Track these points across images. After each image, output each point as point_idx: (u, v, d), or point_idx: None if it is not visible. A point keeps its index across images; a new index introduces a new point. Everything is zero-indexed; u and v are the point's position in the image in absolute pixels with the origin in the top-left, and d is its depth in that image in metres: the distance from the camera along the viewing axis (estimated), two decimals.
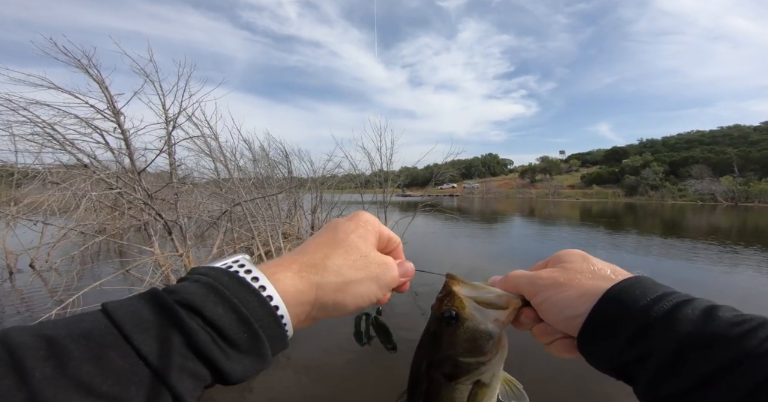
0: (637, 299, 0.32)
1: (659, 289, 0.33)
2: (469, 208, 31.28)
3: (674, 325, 0.29)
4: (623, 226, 17.00)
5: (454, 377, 0.41)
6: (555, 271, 0.39)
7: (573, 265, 0.39)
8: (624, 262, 8.02)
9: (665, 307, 0.30)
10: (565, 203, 43.88)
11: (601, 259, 0.40)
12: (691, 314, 0.29)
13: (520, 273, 0.43)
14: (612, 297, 0.33)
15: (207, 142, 5.77)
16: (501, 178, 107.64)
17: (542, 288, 0.39)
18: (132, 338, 0.25)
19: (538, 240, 11.82)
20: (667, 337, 0.29)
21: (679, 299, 0.31)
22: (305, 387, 2.97)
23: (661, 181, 56.24)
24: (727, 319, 0.28)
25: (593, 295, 0.34)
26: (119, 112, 4.17)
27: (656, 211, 29.16)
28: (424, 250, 8.83)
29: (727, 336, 0.27)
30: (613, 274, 0.37)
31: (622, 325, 0.32)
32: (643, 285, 0.33)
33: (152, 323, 0.26)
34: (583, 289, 0.36)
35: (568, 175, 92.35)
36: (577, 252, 0.41)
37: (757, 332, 0.27)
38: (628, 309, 0.32)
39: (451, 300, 0.41)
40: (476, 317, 0.40)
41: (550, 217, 21.35)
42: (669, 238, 12.12)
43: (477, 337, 0.40)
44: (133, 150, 4.50)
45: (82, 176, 4.17)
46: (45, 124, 3.92)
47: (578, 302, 0.35)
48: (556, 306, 0.37)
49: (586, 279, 0.37)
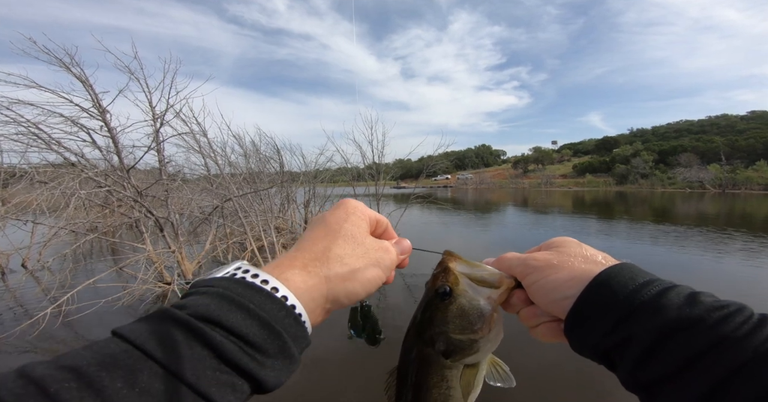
0: (626, 284, 0.33)
1: (646, 275, 0.34)
2: (463, 199, 31.46)
3: (659, 310, 0.30)
4: (614, 213, 17.28)
5: (446, 354, 0.41)
6: (549, 253, 0.40)
7: (566, 250, 0.40)
8: (616, 248, 8.22)
9: (651, 292, 0.31)
10: (557, 192, 44.35)
11: (594, 246, 0.42)
12: (676, 299, 0.30)
13: (513, 255, 0.43)
14: (602, 281, 0.34)
15: (196, 139, 5.75)
16: (494, 169, 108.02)
17: (534, 269, 0.39)
18: (160, 358, 0.24)
19: (532, 228, 11.99)
20: (652, 320, 0.30)
21: (664, 285, 0.32)
22: (303, 382, 3.02)
23: (650, 169, 57.05)
24: (707, 304, 0.29)
25: (584, 278, 0.35)
26: (105, 110, 4.14)
27: (646, 199, 29.62)
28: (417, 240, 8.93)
29: (706, 320, 0.28)
30: (603, 260, 0.38)
31: (610, 308, 0.32)
32: (632, 271, 0.34)
33: (175, 341, 0.25)
34: (574, 272, 0.37)
35: (561, 164, 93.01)
36: (571, 239, 0.43)
37: (735, 317, 0.28)
38: (617, 293, 0.32)
39: (446, 275, 0.42)
40: (469, 293, 0.41)
41: (543, 206, 21.54)
42: (660, 225, 12.37)
43: (469, 314, 0.40)
44: (121, 148, 4.48)
45: (70, 175, 4.15)
46: (29, 123, 3.88)
47: (569, 284, 0.36)
48: (547, 287, 0.38)
49: (578, 262, 0.38)
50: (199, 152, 5.94)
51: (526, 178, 78.31)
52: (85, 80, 3.93)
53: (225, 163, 6.83)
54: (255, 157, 8.19)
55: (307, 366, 3.23)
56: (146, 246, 4.79)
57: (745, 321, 0.28)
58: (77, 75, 3.90)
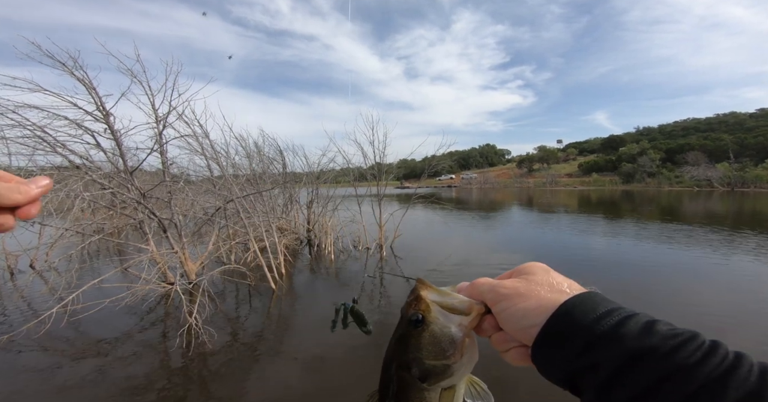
0: (587, 313, 0.34)
1: (608, 304, 0.35)
2: (467, 199, 31.33)
3: (619, 339, 0.32)
4: (621, 212, 17.13)
5: (422, 379, 0.43)
6: (517, 281, 0.41)
7: (534, 278, 0.41)
8: (623, 247, 8.18)
9: (611, 322, 0.33)
10: (563, 192, 44.02)
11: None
12: (634, 328, 0.32)
13: (485, 281, 0.44)
14: (565, 311, 0.36)
15: (198, 141, 5.80)
16: (499, 168, 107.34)
17: (503, 297, 0.40)
18: None
19: (536, 228, 11.94)
20: (612, 349, 0.31)
21: (624, 314, 0.34)
22: (303, 380, 3.04)
23: (657, 168, 56.31)
24: (662, 333, 0.31)
25: (549, 307, 0.37)
26: (109, 113, 4.20)
27: (653, 198, 29.29)
28: (420, 241, 8.96)
29: (661, 349, 0.30)
30: (568, 289, 0.39)
31: (572, 337, 0.34)
32: (594, 300, 0.36)
33: None
34: (540, 301, 0.38)
35: (566, 163, 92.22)
36: (541, 265, 0.44)
37: (688, 345, 0.30)
38: (580, 322, 0.34)
39: (418, 304, 0.43)
40: (440, 321, 0.42)
41: (549, 206, 21.39)
42: (668, 223, 12.24)
43: (440, 340, 0.42)
44: (124, 150, 4.54)
45: (75, 177, 4.22)
46: (35, 126, 3.95)
47: (535, 313, 0.37)
48: (515, 315, 0.39)
49: (544, 291, 0.39)
50: (201, 154, 5.99)
51: (531, 178, 77.71)
52: (88, 83, 4.00)
53: (227, 165, 6.89)
54: (258, 158, 8.25)
55: (308, 364, 3.27)
56: (150, 247, 4.85)
57: (698, 348, 0.29)
58: (80, 78, 3.96)
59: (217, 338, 3.69)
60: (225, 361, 3.36)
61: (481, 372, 0.47)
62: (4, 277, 6.30)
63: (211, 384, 3.04)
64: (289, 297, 5.20)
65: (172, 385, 3.01)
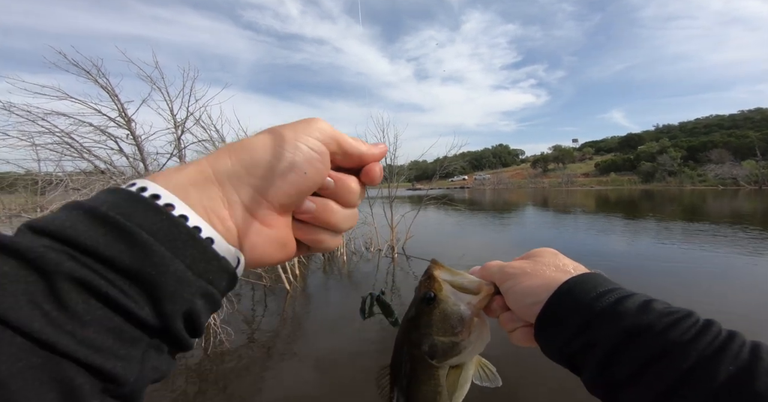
0: (588, 292, 0.35)
1: (609, 284, 0.36)
2: (481, 200, 31.06)
3: (615, 317, 0.32)
4: (641, 212, 16.65)
5: (431, 355, 0.44)
6: (525, 262, 0.43)
7: (542, 259, 0.43)
8: (643, 247, 7.96)
9: (610, 300, 0.34)
10: (579, 192, 43.08)
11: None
12: (632, 306, 0.32)
13: (495, 263, 0.46)
14: (568, 288, 0.37)
15: (215, 145, 5.95)
16: (512, 169, 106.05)
17: (510, 276, 0.42)
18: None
19: (551, 228, 11.71)
20: (611, 326, 0.32)
21: (622, 294, 0.34)
22: (318, 380, 3.08)
23: (679, 166, 54.62)
24: (658, 311, 0.31)
25: (552, 285, 0.38)
26: (130, 119, 4.37)
27: (675, 197, 28.38)
28: (432, 242, 8.92)
29: (656, 326, 0.30)
30: (573, 270, 0.40)
31: (573, 314, 0.35)
32: (595, 280, 0.37)
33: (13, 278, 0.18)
34: (545, 279, 0.39)
35: (582, 163, 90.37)
36: (550, 249, 0.45)
37: (682, 323, 0.30)
38: (579, 300, 0.35)
39: (431, 283, 0.45)
40: (451, 299, 0.44)
41: (564, 206, 20.94)
42: (691, 223, 11.81)
43: (450, 317, 0.43)
44: (145, 155, 4.71)
45: (100, 182, 4.40)
46: (63, 133, 4.14)
47: (538, 291, 0.39)
48: (520, 293, 0.41)
49: (550, 271, 0.40)
50: None
51: (545, 178, 76.47)
52: (111, 91, 4.17)
53: None
54: None
55: (322, 364, 3.30)
56: None
57: (692, 326, 0.30)
58: (104, 86, 4.13)
59: (234, 337, 3.77)
60: (242, 360, 3.44)
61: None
62: None
63: (229, 382, 3.11)
64: (303, 298, 5.28)
65: (191, 383, 3.10)
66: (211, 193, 0.25)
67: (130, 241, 0.20)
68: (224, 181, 0.26)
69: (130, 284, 0.20)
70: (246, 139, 0.28)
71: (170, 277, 0.21)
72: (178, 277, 0.21)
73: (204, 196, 0.25)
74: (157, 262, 0.21)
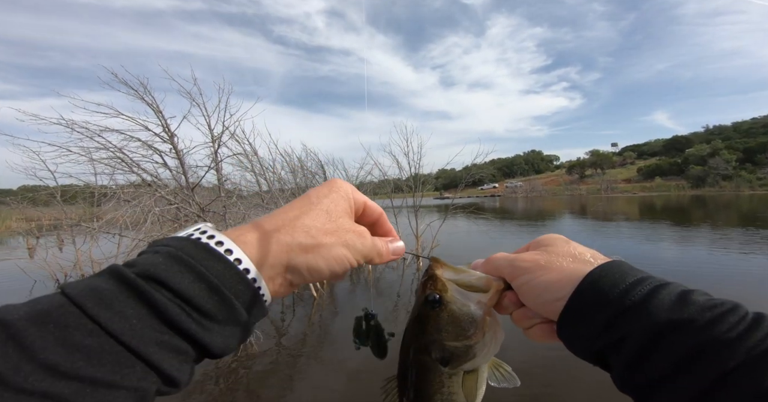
0: (616, 283, 0.32)
1: (637, 273, 0.33)
2: (513, 208, 30.08)
3: (650, 310, 0.29)
4: (692, 219, 15.42)
5: (444, 362, 0.40)
6: (536, 253, 0.39)
7: (554, 249, 0.39)
8: (696, 256, 7.41)
9: (642, 292, 0.30)
10: (620, 198, 40.52)
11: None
12: (667, 299, 0.29)
13: (502, 256, 0.42)
14: (592, 281, 0.33)
15: (249, 158, 6.31)
16: (546, 176, 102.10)
17: (523, 271, 0.38)
18: (94, 315, 0.23)
19: (592, 237, 11.12)
20: (643, 321, 0.29)
21: (655, 284, 0.31)
22: (343, 387, 3.11)
23: (734, 170, 50.09)
24: (699, 304, 0.28)
25: (574, 278, 0.34)
26: (173, 134, 4.76)
27: (730, 203, 26.01)
28: (459, 251, 8.77)
29: (698, 321, 0.27)
30: (592, 259, 0.37)
31: (600, 309, 0.31)
32: (622, 269, 0.33)
33: (115, 298, 0.25)
34: (563, 272, 0.36)
35: (623, 168, 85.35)
36: (559, 236, 0.41)
37: (728, 317, 0.27)
38: (607, 293, 0.32)
39: (434, 283, 0.41)
40: (459, 300, 0.40)
41: (605, 214, 19.73)
42: (750, 231, 10.79)
43: (460, 320, 0.40)
44: (186, 168, 5.09)
45: (147, 194, 4.80)
46: (115, 148, 4.60)
47: (558, 286, 0.35)
48: (536, 289, 0.37)
49: (567, 262, 0.37)
50: (251, 171, 6.50)
51: (583, 184, 72.88)
52: (156, 108, 4.57)
53: (274, 179, 7.39)
54: (301, 172, 8.74)
55: (347, 371, 3.33)
56: None
57: (739, 321, 0.26)
58: (149, 103, 4.54)
59: (263, 341, 3.92)
60: (270, 364, 3.57)
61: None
62: None
63: (257, 385, 3.22)
64: (330, 305, 5.39)
65: (222, 384, 3.25)
66: (278, 272, 0.33)
67: (218, 295, 0.29)
68: (285, 264, 0.34)
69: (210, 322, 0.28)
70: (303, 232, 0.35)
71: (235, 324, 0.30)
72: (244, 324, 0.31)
73: (272, 271, 0.33)
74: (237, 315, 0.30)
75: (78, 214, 8.36)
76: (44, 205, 8.90)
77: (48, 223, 10.42)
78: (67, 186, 6.37)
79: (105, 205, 6.34)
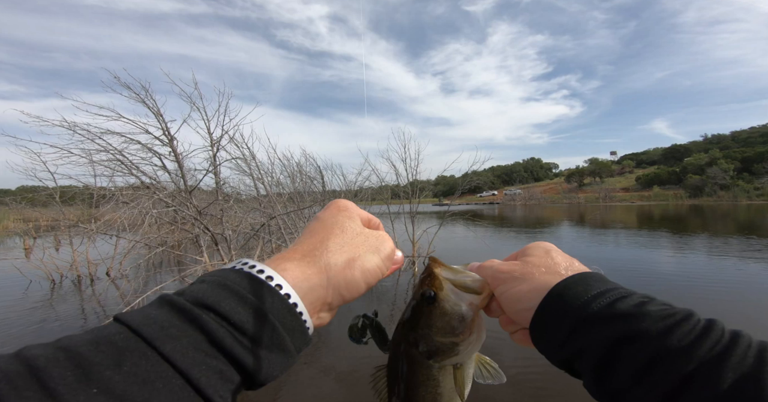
0: (579, 295, 0.33)
1: (602, 285, 0.34)
2: (511, 215, 30.10)
3: (606, 322, 0.30)
4: (689, 228, 15.46)
5: (428, 355, 0.43)
6: (515, 264, 0.41)
7: (532, 259, 0.41)
8: (694, 264, 7.42)
9: (601, 304, 0.32)
10: (618, 207, 40.61)
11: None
12: (625, 309, 0.30)
13: (492, 263, 0.44)
14: (558, 292, 0.35)
15: (247, 162, 6.37)
16: (545, 183, 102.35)
17: (501, 281, 0.41)
18: (151, 340, 0.25)
19: (590, 245, 11.12)
20: (601, 334, 0.30)
21: (615, 296, 0.32)
22: (336, 391, 3.12)
23: (732, 179, 50.32)
24: (654, 314, 0.29)
25: (542, 290, 0.36)
26: (173, 138, 4.82)
27: (728, 213, 26.06)
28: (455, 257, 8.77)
29: (652, 332, 0.28)
30: (564, 270, 0.38)
31: (561, 321, 0.33)
32: (588, 281, 0.35)
33: (169, 324, 0.26)
34: (534, 284, 0.37)
35: (621, 177, 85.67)
36: (543, 245, 0.43)
37: (681, 326, 0.28)
38: (569, 305, 0.33)
39: (431, 281, 0.43)
40: (452, 298, 0.42)
41: (603, 223, 19.73)
42: (750, 240, 10.83)
43: (451, 318, 0.41)
44: (185, 171, 5.14)
45: (146, 196, 4.84)
46: (116, 150, 4.65)
47: (529, 296, 0.37)
48: (510, 299, 0.39)
49: (539, 274, 0.38)
50: (249, 175, 6.55)
51: (581, 193, 72.95)
52: (156, 111, 4.62)
53: (272, 184, 7.44)
54: (299, 177, 8.80)
55: (341, 376, 3.33)
56: (204, 258, 5.34)
57: (692, 329, 0.28)
58: (150, 107, 4.60)
59: None
60: None
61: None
62: (86, 283, 7.23)
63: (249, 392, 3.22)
64: None
65: None
66: (318, 296, 0.34)
67: (269, 329, 0.30)
68: (329, 293, 0.35)
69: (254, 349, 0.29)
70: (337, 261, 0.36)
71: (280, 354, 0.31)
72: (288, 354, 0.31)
73: (313, 295, 0.34)
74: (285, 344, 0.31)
75: (76, 215, 8.39)
76: (42, 205, 8.93)
77: (45, 224, 10.44)
78: (67, 187, 6.42)
79: (103, 206, 6.38)
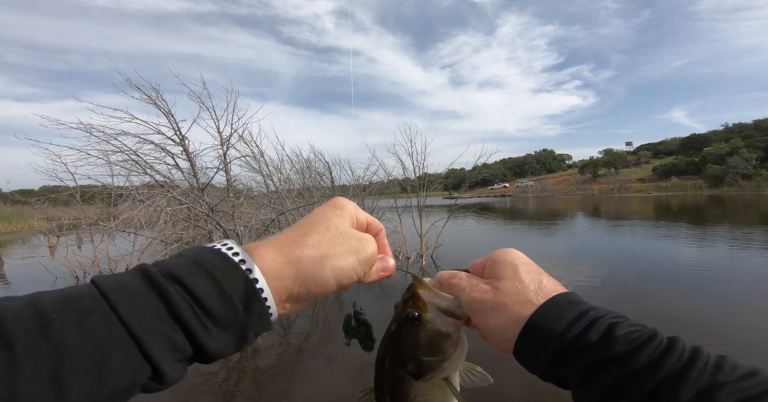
0: (553, 327, 0.35)
1: (572, 312, 0.36)
2: (523, 208, 29.75)
3: (583, 351, 0.33)
4: (710, 219, 15.10)
5: (416, 375, 0.43)
6: (486, 292, 0.41)
7: (502, 285, 0.40)
8: (715, 257, 7.29)
9: (575, 333, 0.34)
10: (634, 198, 39.63)
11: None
12: (594, 337, 0.33)
13: (461, 285, 0.43)
14: (533, 325, 0.36)
15: (256, 159, 6.50)
16: (558, 175, 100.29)
17: (475, 311, 0.41)
18: (115, 304, 0.26)
19: (604, 237, 10.96)
20: (577, 363, 0.33)
21: (585, 324, 0.34)
22: (346, 384, 3.21)
23: (754, 169, 48.42)
24: (621, 338, 0.32)
25: (517, 323, 0.37)
26: (184, 137, 4.96)
27: (751, 203, 25.22)
28: (463, 251, 8.83)
29: (620, 355, 0.31)
30: (535, 295, 0.39)
31: (541, 354, 0.36)
32: (560, 309, 0.36)
33: (136, 291, 0.27)
34: (509, 316, 0.38)
35: (637, 167, 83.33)
36: (509, 258, 0.43)
37: (645, 347, 0.31)
38: (545, 339, 0.35)
39: (415, 302, 0.43)
40: (436, 321, 0.43)
41: (618, 215, 19.25)
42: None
43: (437, 338, 0.42)
44: (197, 170, 5.29)
45: (160, 194, 5.01)
46: (131, 151, 4.82)
47: (505, 329, 0.39)
48: (489, 331, 0.41)
49: (512, 303, 0.39)
50: (258, 172, 6.69)
51: (595, 184, 71.31)
52: (167, 112, 4.76)
53: (281, 180, 7.57)
54: (308, 173, 8.91)
55: (351, 369, 3.42)
56: None
57: (655, 349, 0.31)
58: (162, 108, 4.73)
59: (267, 335, 4.07)
60: (275, 360, 3.70)
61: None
62: None
63: (262, 379, 3.35)
64: (335, 302, 5.52)
65: (230, 377, 3.39)
66: (285, 285, 0.35)
67: (228, 300, 0.30)
68: (296, 280, 0.35)
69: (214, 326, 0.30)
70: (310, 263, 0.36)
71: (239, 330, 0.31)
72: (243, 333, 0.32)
73: (280, 284, 0.34)
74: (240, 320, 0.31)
75: (96, 214, 8.72)
76: (64, 205, 9.31)
77: (68, 223, 10.87)
78: (86, 187, 6.68)
79: (121, 205, 6.63)
